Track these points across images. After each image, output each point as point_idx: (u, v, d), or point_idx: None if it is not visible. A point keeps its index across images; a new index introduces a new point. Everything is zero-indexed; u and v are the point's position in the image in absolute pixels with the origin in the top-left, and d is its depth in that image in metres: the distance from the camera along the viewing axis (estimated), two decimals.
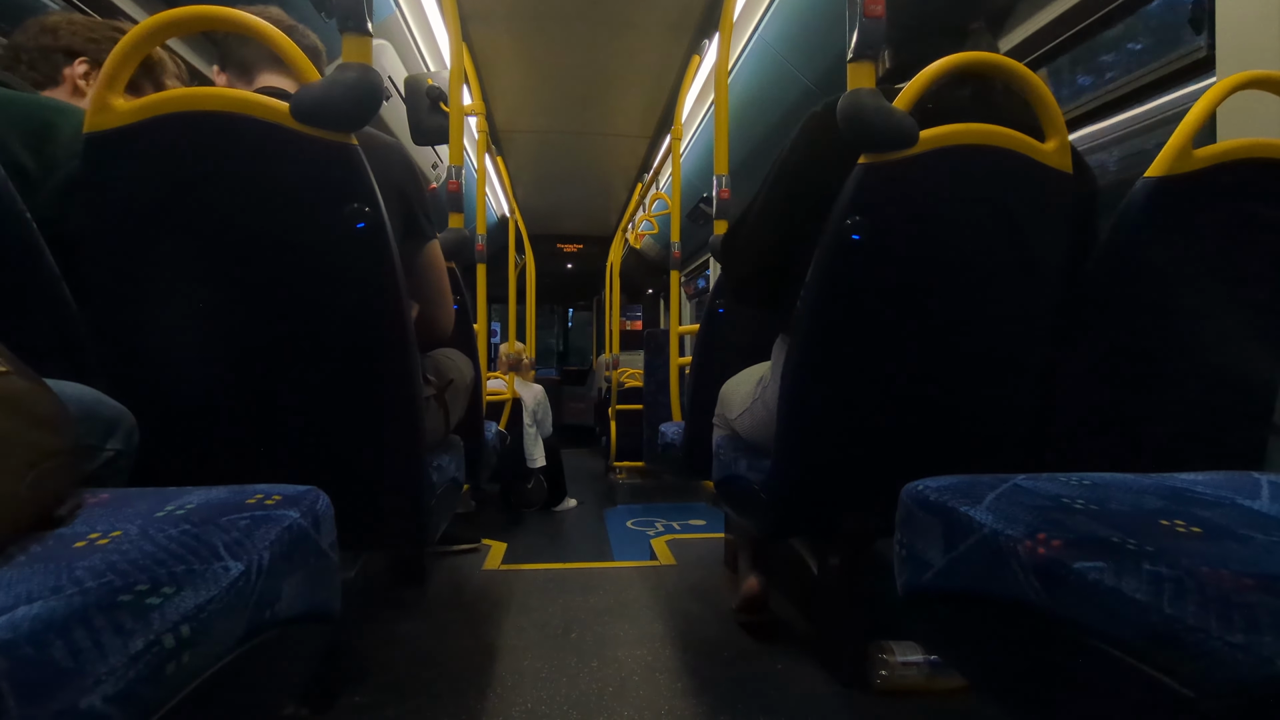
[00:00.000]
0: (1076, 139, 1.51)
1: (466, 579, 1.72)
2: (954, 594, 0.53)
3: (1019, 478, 0.56)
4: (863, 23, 0.80)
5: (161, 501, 0.48)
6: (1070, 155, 0.85)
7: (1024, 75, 0.81)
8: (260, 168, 0.74)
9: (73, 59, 0.94)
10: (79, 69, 0.94)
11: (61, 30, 0.94)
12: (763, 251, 0.99)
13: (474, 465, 1.42)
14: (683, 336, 2.47)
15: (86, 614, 0.31)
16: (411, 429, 0.86)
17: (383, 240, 0.76)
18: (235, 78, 0.94)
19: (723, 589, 1.61)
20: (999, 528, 0.47)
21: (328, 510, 0.54)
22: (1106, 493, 0.52)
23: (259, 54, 0.94)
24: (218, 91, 0.73)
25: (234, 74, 0.94)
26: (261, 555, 0.42)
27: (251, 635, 0.41)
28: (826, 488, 0.94)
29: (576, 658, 1.21)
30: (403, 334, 0.81)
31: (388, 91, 2.08)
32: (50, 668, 0.28)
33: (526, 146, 4.07)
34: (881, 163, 0.77)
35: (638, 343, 4.60)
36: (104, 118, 0.72)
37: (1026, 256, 0.85)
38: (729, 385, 1.28)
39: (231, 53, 0.94)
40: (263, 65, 0.94)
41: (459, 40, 1.76)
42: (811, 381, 0.87)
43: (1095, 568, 0.40)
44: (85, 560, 0.36)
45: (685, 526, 2.73)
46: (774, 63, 2.31)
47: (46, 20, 0.95)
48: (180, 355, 0.81)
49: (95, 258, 0.77)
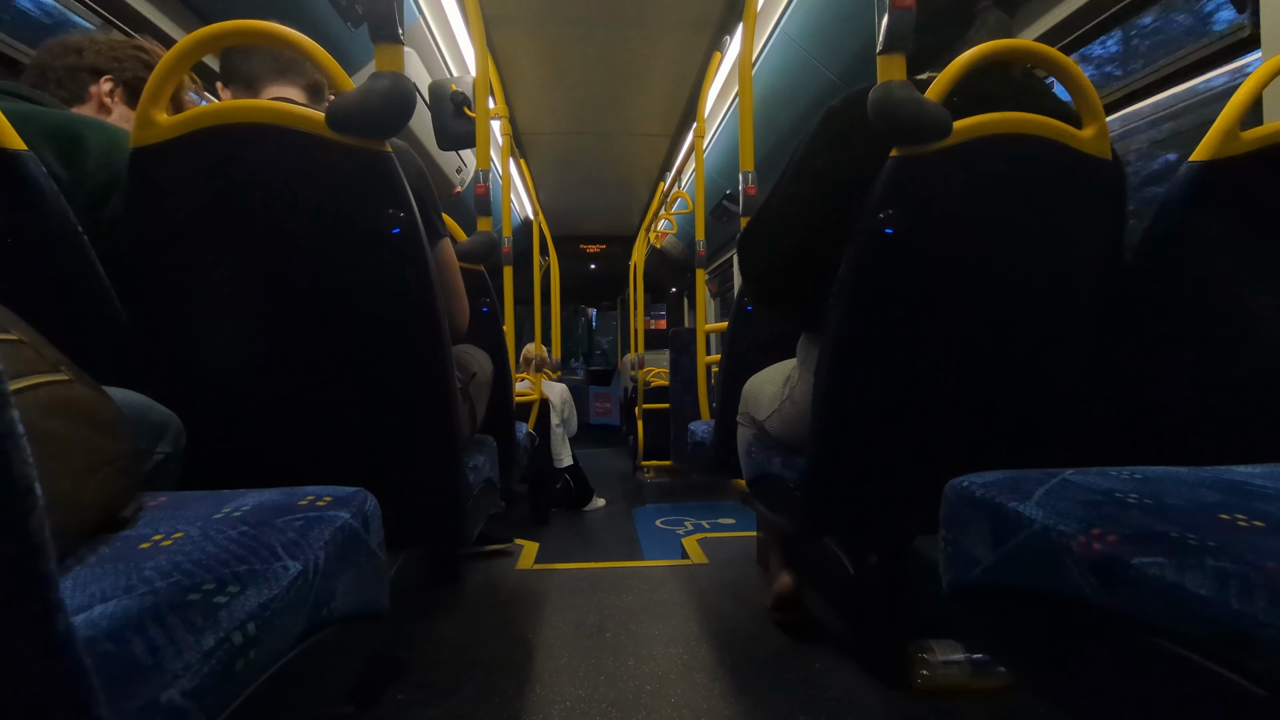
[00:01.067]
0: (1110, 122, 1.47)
1: (501, 578, 1.74)
2: (1003, 591, 0.52)
3: (1067, 472, 0.55)
4: (892, 14, 0.78)
5: (218, 504, 0.49)
6: (1109, 141, 0.83)
7: (1059, 61, 0.80)
8: (298, 177, 0.76)
9: (98, 77, 0.97)
10: (104, 86, 0.98)
11: (86, 50, 0.97)
12: (781, 251, 0.98)
13: (506, 466, 1.43)
14: (709, 334, 2.47)
15: (159, 612, 0.32)
16: (448, 425, 0.87)
17: (417, 244, 0.78)
18: (240, 90, 0.96)
19: (756, 587, 1.60)
20: (1050, 523, 0.46)
21: (375, 511, 0.56)
22: (1161, 486, 0.50)
23: (263, 65, 0.95)
24: (254, 104, 0.75)
25: (239, 87, 0.96)
26: (317, 555, 0.43)
27: (310, 633, 0.42)
28: (865, 485, 0.93)
29: (613, 657, 1.22)
30: (437, 334, 0.83)
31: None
32: (131, 664, 0.29)
33: (549, 148, 4.10)
34: (915, 155, 0.76)
35: (662, 342, 4.60)
36: (148, 132, 0.75)
37: (1067, 245, 0.83)
38: (752, 384, 1.27)
39: (235, 67, 0.96)
40: (267, 77, 0.96)
41: (484, 47, 1.78)
42: (847, 378, 0.86)
43: (1155, 563, 0.39)
44: (152, 561, 0.38)
45: (715, 525, 2.72)
46: (797, 56, 2.28)
47: (70, 40, 0.98)
48: (223, 360, 0.83)
49: (142, 267, 0.80)
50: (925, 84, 0.78)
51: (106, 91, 0.98)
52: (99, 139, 0.84)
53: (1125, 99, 1.48)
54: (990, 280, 0.82)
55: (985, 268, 0.82)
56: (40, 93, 0.91)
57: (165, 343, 0.82)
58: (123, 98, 0.99)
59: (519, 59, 2.96)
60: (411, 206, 0.77)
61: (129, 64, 0.99)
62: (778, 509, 1.10)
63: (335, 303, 0.80)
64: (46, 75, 0.95)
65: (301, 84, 0.97)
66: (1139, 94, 1.46)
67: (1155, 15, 1.43)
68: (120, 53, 0.99)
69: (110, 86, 0.98)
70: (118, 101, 0.98)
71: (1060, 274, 0.83)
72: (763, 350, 1.40)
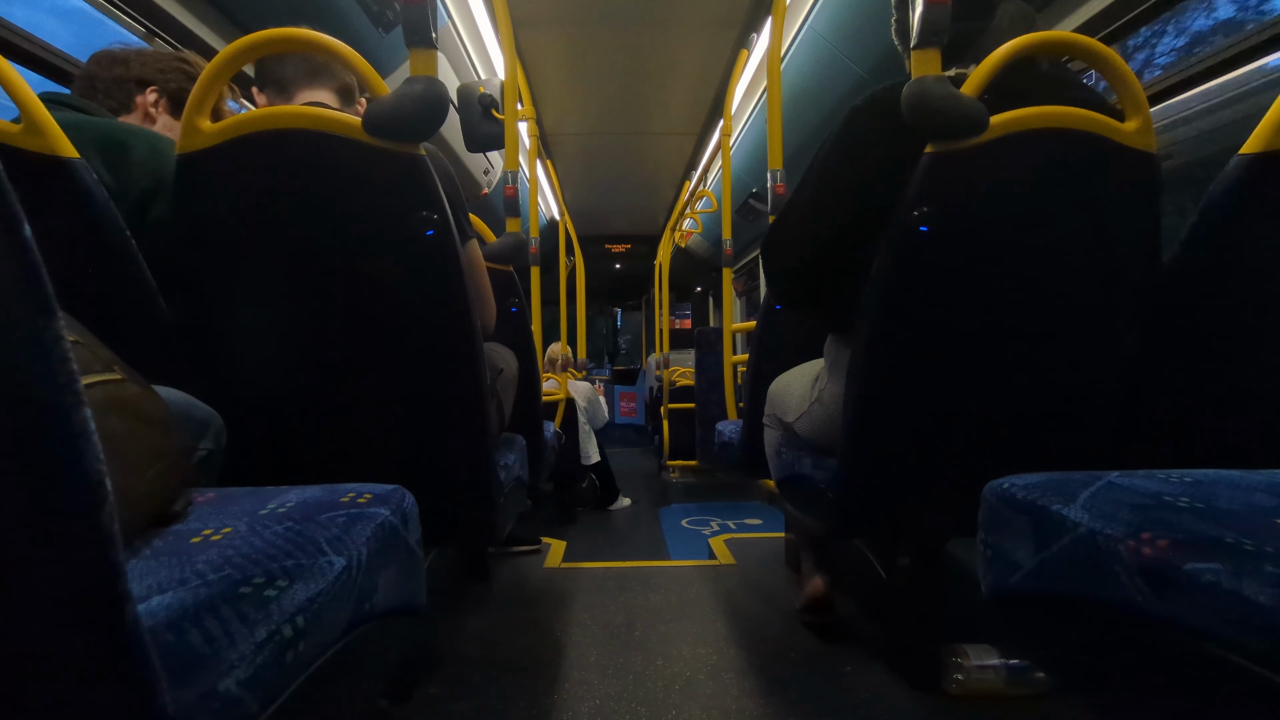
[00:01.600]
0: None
1: (529, 577, 1.75)
2: (1045, 596, 0.51)
3: (1113, 475, 0.54)
4: (927, 8, 0.77)
5: (263, 500, 0.51)
6: (1154, 134, 0.81)
7: (1100, 52, 0.78)
8: (335, 180, 0.78)
9: (144, 88, 1.01)
10: (149, 97, 1.01)
11: (132, 62, 1.01)
12: (806, 251, 0.97)
13: (535, 465, 1.44)
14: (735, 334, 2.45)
15: (214, 604, 0.33)
16: (479, 422, 0.88)
17: (449, 245, 0.79)
18: (275, 95, 0.98)
19: (785, 589, 1.59)
20: (1097, 527, 0.45)
21: (413, 508, 0.57)
22: (1213, 490, 0.49)
23: (296, 70, 0.98)
24: (294, 110, 0.77)
25: (273, 92, 0.98)
26: (360, 551, 0.44)
27: (353, 627, 0.43)
28: (898, 487, 0.91)
29: (642, 656, 1.22)
30: (469, 332, 0.84)
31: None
32: (190, 653, 0.30)
33: (575, 149, 4.12)
34: (950, 151, 0.75)
35: (687, 341, 4.59)
36: (193, 139, 0.77)
37: (1109, 242, 0.81)
38: (778, 385, 1.26)
39: (269, 72, 0.98)
40: (300, 81, 0.98)
41: (512, 52, 1.79)
42: (880, 378, 0.85)
43: (1209, 569, 0.38)
44: (204, 555, 0.39)
45: (741, 526, 2.71)
46: (826, 53, 2.26)
47: (117, 53, 1.01)
48: (261, 358, 0.85)
49: (186, 270, 0.82)
50: (955, 79, 0.77)
51: (151, 102, 1.01)
52: (143, 146, 0.87)
53: (1168, 90, 1.44)
54: (1028, 278, 0.81)
55: (1023, 265, 0.80)
56: (88, 102, 0.94)
57: (207, 342, 0.84)
58: (166, 107, 1.02)
59: (546, 61, 2.98)
60: (445, 208, 0.78)
61: (172, 75, 1.03)
62: (808, 510, 1.09)
63: (370, 303, 0.82)
64: (95, 85, 0.99)
65: (333, 87, 0.99)
66: (1183, 85, 1.41)
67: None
68: (164, 65, 1.03)
69: (155, 97, 1.01)
70: (161, 111, 1.02)
71: (1102, 271, 0.81)
72: (792, 350, 1.39)
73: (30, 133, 0.71)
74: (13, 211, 0.21)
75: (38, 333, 0.22)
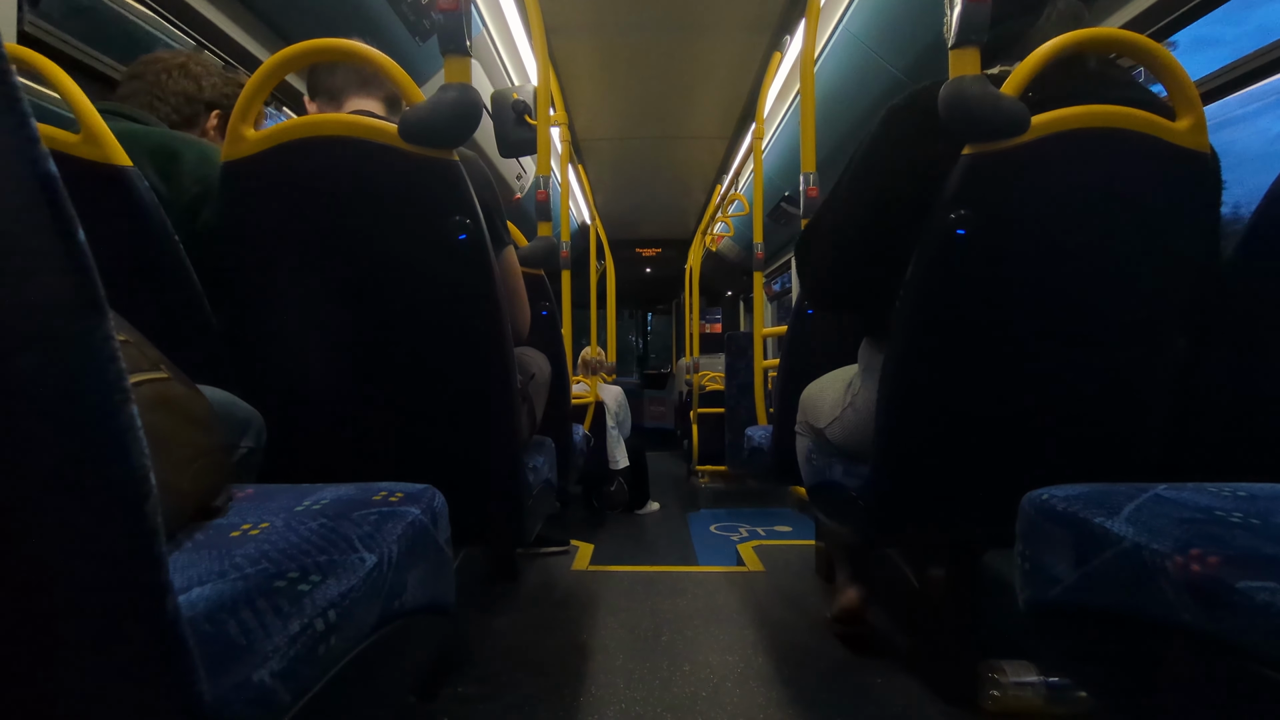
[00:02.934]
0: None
1: (557, 578, 1.76)
2: (1086, 611, 0.49)
3: (1160, 487, 0.52)
4: (966, 6, 0.75)
5: (299, 497, 0.52)
6: (1206, 133, 0.78)
7: (1148, 48, 0.75)
8: (372, 185, 0.79)
9: (210, 111, 1.04)
10: (213, 121, 1.05)
11: (204, 81, 1.04)
12: (841, 253, 0.95)
13: (563, 467, 1.45)
14: (766, 339, 2.43)
15: (250, 597, 0.34)
16: (510, 425, 0.89)
17: (482, 250, 0.80)
18: (325, 104, 1.01)
19: (814, 597, 1.57)
20: (1143, 541, 0.44)
21: (443, 508, 0.57)
22: (1269, 505, 0.46)
23: (347, 80, 1.00)
24: (333, 118, 0.79)
25: (324, 101, 1.01)
26: (391, 548, 0.45)
27: (383, 623, 0.44)
28: (932, 496, 0.89)
29: (668, 661, 1.21)
30: (501, 336, 0.85)
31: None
32: (226, 644, 0.31)
33: (606, 154, 4.14)
34: (990, 152, 0.73)
35: (717, 346, 4.57)
36: (238, 148, 0.80)
37: (1158, 245, 0.78)
38: (811, 391, 1.24)
39: (320, 81, 1.01)
40: (350, 90, 1.00)
41: (545, 57, 1.81)
42: (913, 384, 0.84)
43: (1265, 588, 0.36)
44: (242, 548, 0.40)
45: (770, 532, 2.68)
46: (860, 54, 2.23)
47: (188, 65, 1.04)
48: (303, 360, 0.88)
49: (230, 274, 0.85)
50: (997, 78, 0.75)
51: (213, 125, 1.05)
52: (193, 155, 0.90)
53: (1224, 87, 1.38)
54: (1070, 283, 0.78)
55: (1065, 270, 0.78)
56: (144, 113, 0.98)
57: (249, 343, 0.87)
58: (219, 130, 1.06)
59: (578, 66, 3.01)
60: (478, 214, 0.79)
61: (234, 100, 1.07)
62: (840, 518, 1.08)
63: (405, 306, 0.84)
64: (165, 99, 1.01)
65: (381, 96, 1.01)
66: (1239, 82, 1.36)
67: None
68: (230, 89, 1.06)
69: (216, 121, 1.05)
70: (216, 135, 1.06)
71: (1151, 275, 0.78)
72: (823, 355, 1.37)
73: (88, 143, 0.74)
74: (68, 217, 0.22)
75: (89, 332, 0.23)
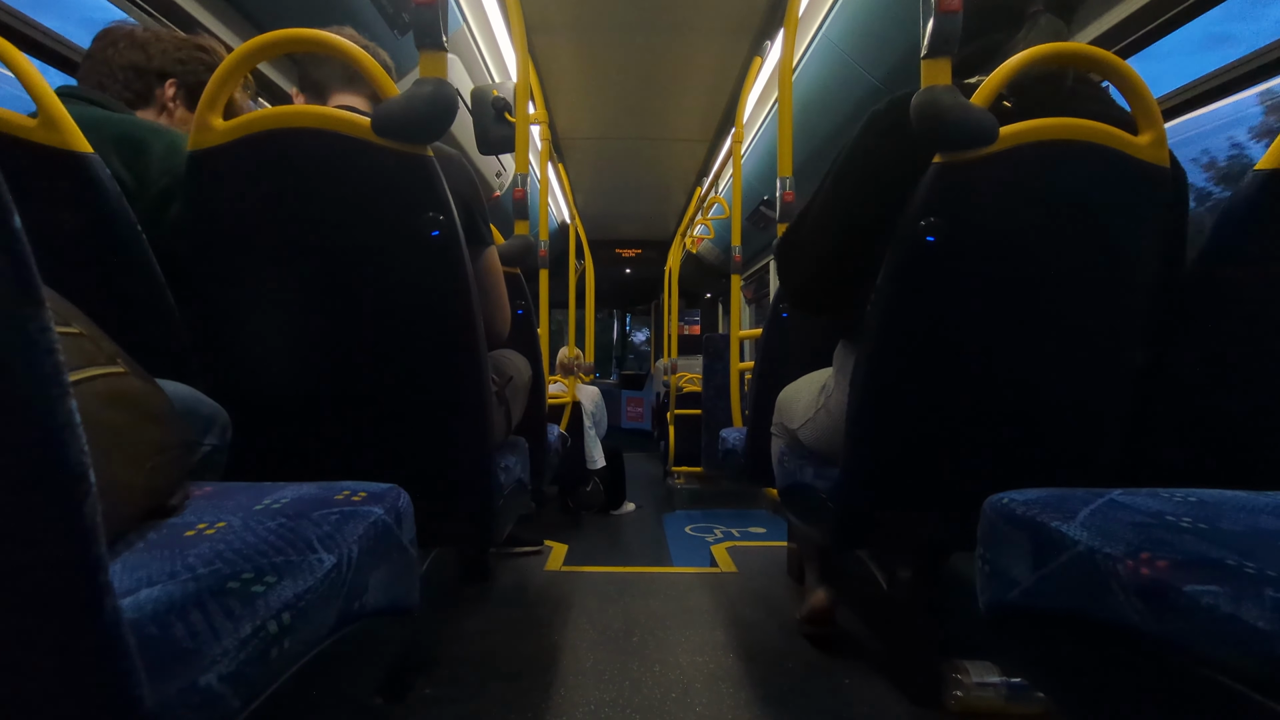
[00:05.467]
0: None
1: (529, 579, 1.75)
2: (1043, 614, 0.50)
3: (1115, 492, 0.53)
4: (938, 17, 0.77)
5: (259, 495, 0.51)
6: (1167, 148, 0.80)
7: (1113, 63, 0.77)
8: (343, 179, 0.78)
9: (163, 80, 1.00)
10: (169, 91, 1.01)
11: (152, 48, 1.00)
12: (822, 255, 0.96)
13: (537, 467, 1.44)
14: (742, 341, 2.45)
15: (201, 598, 0.33)
16: (481, 427, 0.88)
17: (455, 247, 0.79)
18: (312, 97, 0.99)
19: (786, 599, 1.58)
20: (1096, 545, 0.45)
21: (408, 507, 0.57)
22: (1216, 510, 0.48)
23: (332, 74, 0.99)
24: (305, 109, 0.77)
25: (311, 94, 1.00)
26: (351, 549, 0.44)
27: (342, 625, 0.43)
28: (899, 498, 0.91)
29: (639, 662, 1.21)
30: (473, 336, 0.84)
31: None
32: (173, 647, 0.30)
33: (587, 153, 4.13)
34: (959, 162, 0.74)
35: (696, 347, 4.58)
36: (205, 136, 0.78)
37: (1120, 257, 0.80)
38: (787, 393, 1.25)
39: (308, 74, 1.00)
40: (336, 85, 0.99)
41: (525, 54, 1.80)
42: (882, 388, 0.85)
43: (1209, 591, 0.37)
44: (196, 548, 0.39)
45: (745, 534, 2.69)
46: (839, 61, 2.26)
47: (135, 34, 1.00)
48: (268, 356, 0.86)
49: (195, 266, 0.83)
50: (974, 89, 0.76)
51: (170, 96, 1.01)
52: (161, 145, 0.87)
53: (1186, 104, 1.42)
54: (1035, 290, 0.80)
55: (1031, 277, 0.79)
56: (108, 97, 0.95)
57: (214, 338, 0.85)
58: (184, 100, 1.02)
59: (559, 65, 3.00)
60: (451, 210, 0.78)
61: (191, 66, 1.03)
62: (809, 520, 1.09)
63: (375, 303, 0.82)
64: (113, 74, 0.97)
65: (366, 93, 1.00)
66: (1201, 99, 1.40)
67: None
68: (184, 54, 1.02)
69: (174, 90, 1.01)
70: (179, 104, 1.02)
71: (1111, 285, 0.80)
72: (798, 358, 1.38)
73: (46, 127, 0.72)
74: (3, 202, 0.21)
75: (23, 323, 0.22)
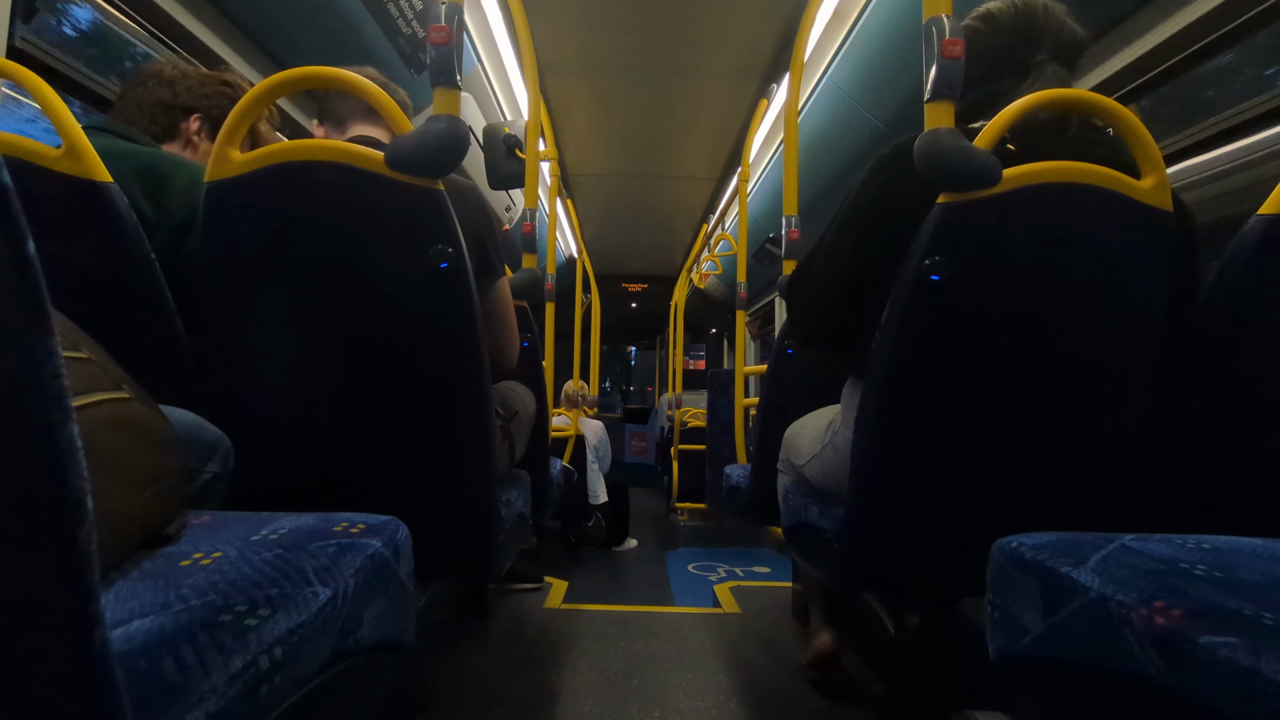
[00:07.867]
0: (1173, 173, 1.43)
1: (528, 616, 1.72)
2: (1055, 663, 0.49)
3: (1127, 538, 0.52)
4: (941, 63, 0.78)
5: (257, 525, 0.50)
6: (1170, 192, 0.81)
7: (1114, 110, 0.78)
8: (355, 211, 0.79)
9: (189, 115, 1.04)
10: (193, 125, 1.04)
11: (179, 85, 1.04)
12: (830, 294, 0.97)
13: (539, 501, 1.43)
14: (748, 377, 2.44)
15: (192, 631, 0.33)
16: (484, 460, 0.88)
17: (464, 280, 0.80)
18: (332, 129, 1.02)
19: (791, 642, 1.54)
20: (1108, 592, 0.43)
21: (407, 541, 0.56)
22: (1232, 558, 0.47)
23: (353, 107, 1.02)
24: (320, 143, 0.79)
25: (330, 126, 1.03)
26: (347, 582, 0.44)
27: (335, 661, 0.42)
28: (906, 540, 0.89)
29: (638, 706, 1.18)
30: (479, 369, 0.84)
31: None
32: (161, 682, 0.29)
33: (595, 189, 4.20)
34: (962, 202, 0.75)
35: (700, 382, 4.57)
36: (222, 169, 0.80)
37: (1125, 300, 0.80)
38: (794, 429, 1.24)
39: (329, 107, 1.03)
40: (356, 117, 1.02)
41: (537, 93, 1.85)
42: (888, 428, 0.84)
43: (1226, 643, 0.36)
44: (190, 579, 0.38)
45: (749, 573, 2.64)
46: (844, 104, 2.31)
47: (163, 71, 1.04)
48: (274, 384, 0.86)
49: (207, 296, 0.84)
50: (978, 133, 0.78)
51: (194, 130, 1.04)
52: (183, 178, 0.90)
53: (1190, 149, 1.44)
54: (1041, 331, 0.80)
55: (1036, 318, 0.79)
56: (133, 129, 0.98)
57: (222, 366, 0.85)
58: (208, 134, 1.05)
59: (570, 104, 3.07)
60: (460, 243, 0.79)
61: (215, 100, 1.06)
62: (815, 561, 1.06)
63: (382, 333, 0.83)
64: (141, 109, 1.02)
65: (385, 126, 1.02)
66: (1205, 144, 1.42)
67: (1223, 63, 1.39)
68: (209, 89, 1.06)
69: (198, 125, 1.04)
70: (203, 138, 1.05)
71: (1115, 326, 0.80)
72: (803, 394, 1.38)
73: (69, 157, 0.74)
74: (18, 227, 0.22)
75: (31, 347, 0.22)
